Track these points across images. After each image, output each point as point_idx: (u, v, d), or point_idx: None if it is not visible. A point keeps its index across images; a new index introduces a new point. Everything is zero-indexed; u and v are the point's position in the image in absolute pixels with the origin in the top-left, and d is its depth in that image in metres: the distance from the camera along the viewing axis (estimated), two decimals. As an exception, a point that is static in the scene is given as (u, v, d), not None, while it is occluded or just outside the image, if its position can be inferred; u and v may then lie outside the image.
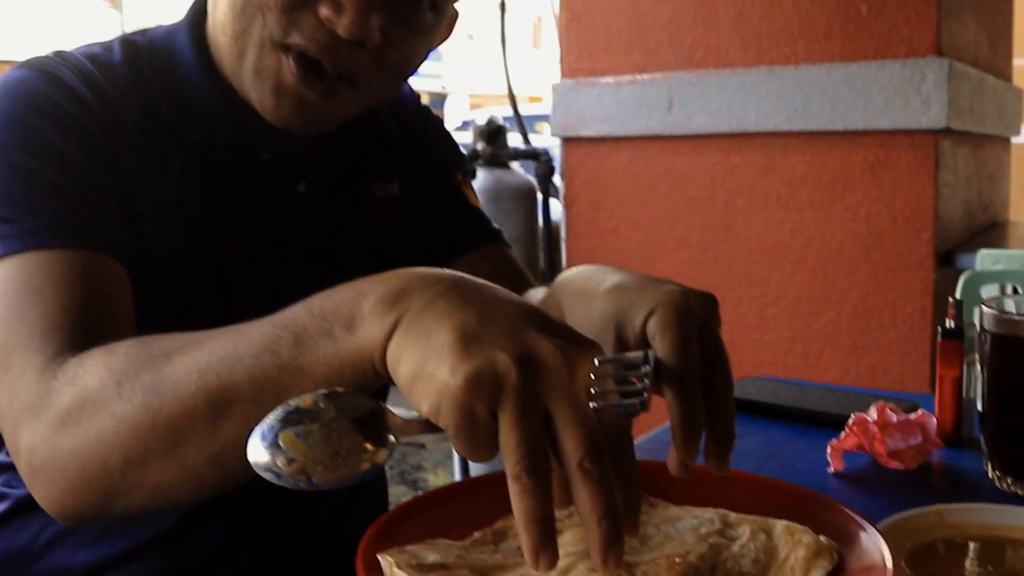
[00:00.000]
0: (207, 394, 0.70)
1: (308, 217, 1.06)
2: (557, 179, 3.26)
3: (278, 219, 1.04)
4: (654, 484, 0.88)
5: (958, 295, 1.82)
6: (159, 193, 0.96)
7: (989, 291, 2.21)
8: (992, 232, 3.33)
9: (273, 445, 0.61)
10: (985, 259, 2.57)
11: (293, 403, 0.63)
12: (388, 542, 0.76)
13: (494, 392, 0.60)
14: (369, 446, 0.63)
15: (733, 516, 0.82)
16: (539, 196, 3.32)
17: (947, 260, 2.79)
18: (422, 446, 4.37)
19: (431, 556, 0.74)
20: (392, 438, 0.64)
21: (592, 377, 0.63)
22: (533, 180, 3.35)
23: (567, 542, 0.77)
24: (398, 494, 3.62)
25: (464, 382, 0.60)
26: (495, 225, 1.28)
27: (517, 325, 0.63)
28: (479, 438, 0.61)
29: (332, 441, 0.62)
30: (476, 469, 2.91)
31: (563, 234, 3.13)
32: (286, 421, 0.62)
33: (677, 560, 0.73)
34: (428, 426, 0.63)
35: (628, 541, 0.77)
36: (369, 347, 0.66)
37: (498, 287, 0.68)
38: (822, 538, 0.76)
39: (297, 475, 0.61)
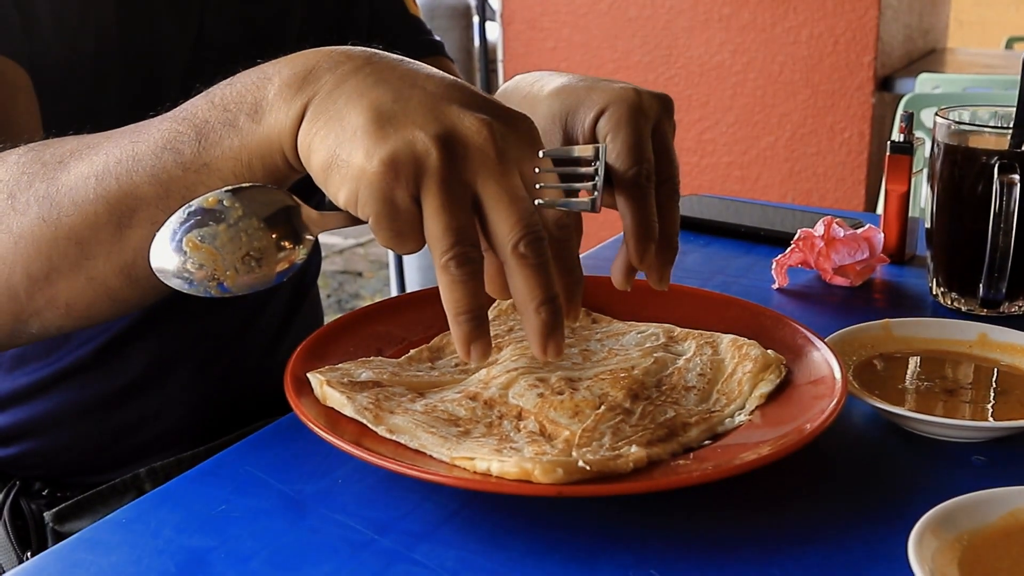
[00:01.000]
0: (107, 200, 0.64)
1: (232, 16, 0.97)
2: (493, -2, 3.14)
3: (199, 17, 0.94)
4: (598, 299, 0.85)
5: (898, 118, 1.80)
6: None
7: (929, 115, 2.19)
8: (930, 58, 3.30)
9: (178, 251, 0.56)
10: (925, 83, 2.55)
11: (195, 203, 0.57)
12: (319, 360, 0.73)
13: (415, 176, 0.55)
14: (286, 244, 0.58)
15: (679, 331, 0.80)
16: (475, 15, 3.20)
17: (886, 85, 2.76)
18: (359, 274, 4.35)
19: (364, 373, 0.71)
20: (308, 235, 0.59)
21: (535, 171, 0.58)
22: (469, -2, 3.22)
23: (507, 358, 0.74)
24: (333, 321, 3.60)
25: (380, 166, 0.54)
26: (436, 36, 1.20)
27: (437, 101, 0.57)
28: (402, 227, 0.56)
29: (241, 242, 0.56)
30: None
31: (500, 55, 3.04)
32: (189, 224, 0.56)
33: (622, 375, 0.70)
34: (348, 218, 0.58)
35: (570, 357, 0.75)
36: (278, 136, 0.60)
37: (418, 62, 0.61)
38: (770, 352, 0.74)
39: (207, 281, 0.56)
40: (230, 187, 0.57)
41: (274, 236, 0.57)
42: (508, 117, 0.59)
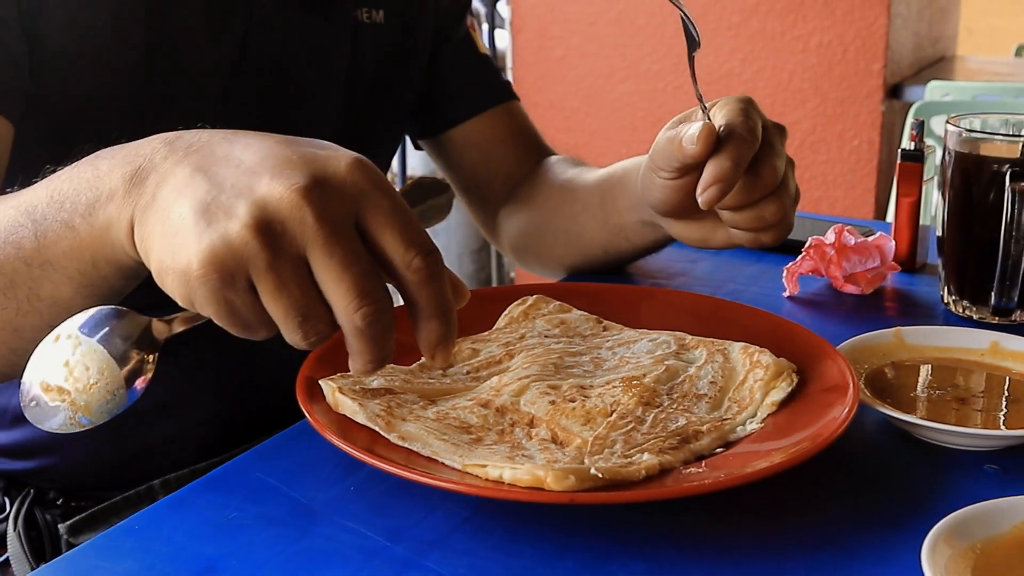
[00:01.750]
0: None
1: (276, 37, 0.93)
2: (503, 6, 3.14)
3: (239, 38, 0.91)
4: (608, 307, 0.85)
5: (908, 125, 1.79)
6: (83, 10, 0.83)
7: (938, 123, 2.19)
8: (940, 66, 3.30)
9: (37, 398, 0.56)
10: (935, 91, 2.54)
11: (44, 344, 0.57)
12: (331, 367, 0.73)
13: (240, 268, 0.53)
14: (135, 359, 0.57)
15: (690, 338, 0.80)
16: (484, 23, 3.20)
17: (895, 93, 2.76)
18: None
19: (376, 381, 0.71)
20: (157, 344, 0.58)
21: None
22: (479, 6, 3.23)
23: (518, 365, 0.74)
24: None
25: (203, 268, 0.52)
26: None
27: (249, 177, 0.54)
28: (246, 321, 0.55)
29: (87, 373, 0.56)
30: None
31: (509, 63, 3.04)
32: (39, 369, 0.56)
33: (633, 383, 0.70)
34: (197, 316, 0.57)
35: (581, 364, 0.75)
36: (116, 237, 0.59)
37: (242, 134, 0.58)
38: (781, 359, 0.74)
39: (68, 419, 0.56)
40: (76, 317, 0.57)
41: (118, 358, 0.56)
42: (329, 173, 0.55)
